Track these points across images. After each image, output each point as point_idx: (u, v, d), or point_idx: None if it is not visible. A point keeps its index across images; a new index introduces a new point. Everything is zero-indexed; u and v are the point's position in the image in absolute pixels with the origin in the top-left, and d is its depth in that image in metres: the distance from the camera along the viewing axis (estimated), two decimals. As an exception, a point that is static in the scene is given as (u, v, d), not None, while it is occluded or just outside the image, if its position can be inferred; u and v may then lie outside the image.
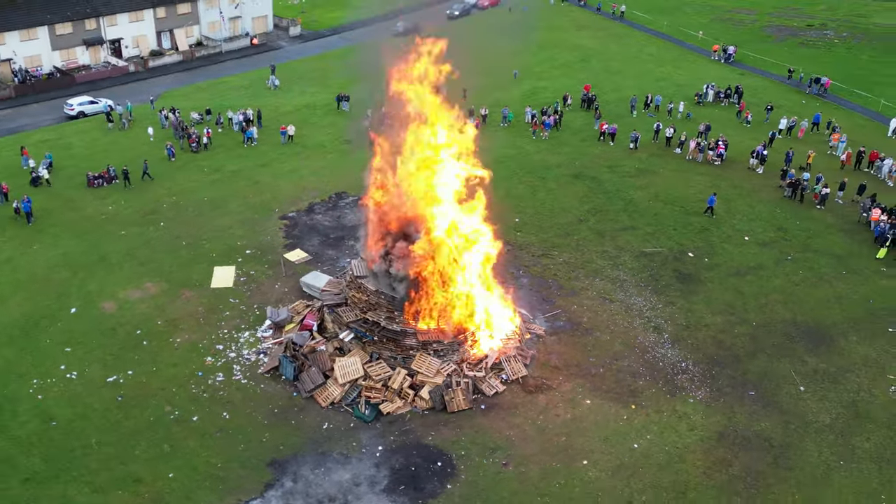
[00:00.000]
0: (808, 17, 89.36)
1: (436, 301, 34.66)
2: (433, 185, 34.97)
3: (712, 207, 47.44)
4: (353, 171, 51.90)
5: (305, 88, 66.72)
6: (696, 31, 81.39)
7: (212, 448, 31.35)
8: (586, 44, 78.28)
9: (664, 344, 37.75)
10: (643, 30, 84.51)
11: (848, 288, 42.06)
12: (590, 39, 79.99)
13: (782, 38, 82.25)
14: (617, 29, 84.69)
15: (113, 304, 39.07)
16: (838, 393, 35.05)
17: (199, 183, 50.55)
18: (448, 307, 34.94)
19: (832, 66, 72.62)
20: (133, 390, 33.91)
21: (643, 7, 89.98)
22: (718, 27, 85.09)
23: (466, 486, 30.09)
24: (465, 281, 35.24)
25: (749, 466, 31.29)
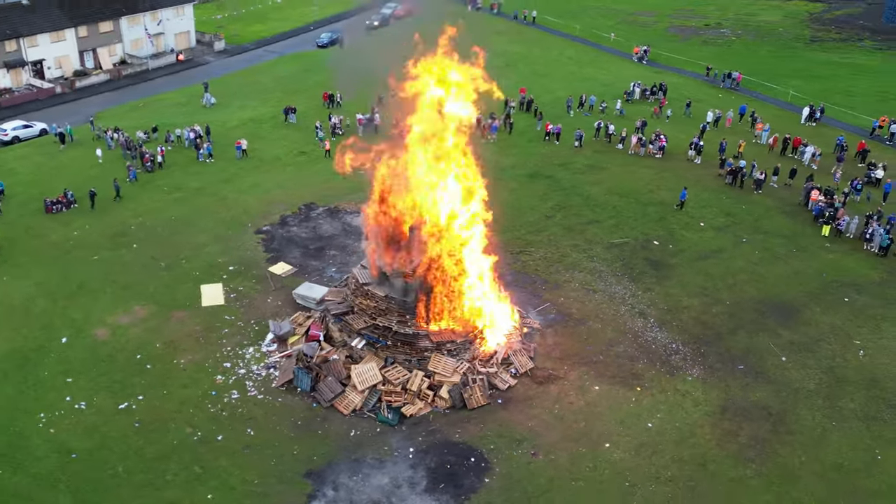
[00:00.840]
0: (703, 17, 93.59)
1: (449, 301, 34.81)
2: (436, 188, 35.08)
3: (684, 202, 49.19)
4: (316, 182, 51.73)
5: (245, 102, 65.33)
6: (608, 34, 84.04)
7: (244, 465, 30.58)
8: (509, 49, 79.47)
9: (652, 328, 39.04)
10: (557, 34, 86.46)
11: (801, 264, 44.49)
12: (510, 45, 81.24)
13: (686, 38, 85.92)
14: (532, 34, 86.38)
15: (104, 330, 37.44)
16: (816, 360, 37.09)
17: (163, 202, 48.90)
18: (458, 307, 35.15)
19: (735, 62, 76.26)
20: (149, 415, 32.67)
21: (553, 12, 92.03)
22: (625, 29, 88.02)
23: (502, 479, 30.40)
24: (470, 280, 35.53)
25: (754, 435, 32.78)
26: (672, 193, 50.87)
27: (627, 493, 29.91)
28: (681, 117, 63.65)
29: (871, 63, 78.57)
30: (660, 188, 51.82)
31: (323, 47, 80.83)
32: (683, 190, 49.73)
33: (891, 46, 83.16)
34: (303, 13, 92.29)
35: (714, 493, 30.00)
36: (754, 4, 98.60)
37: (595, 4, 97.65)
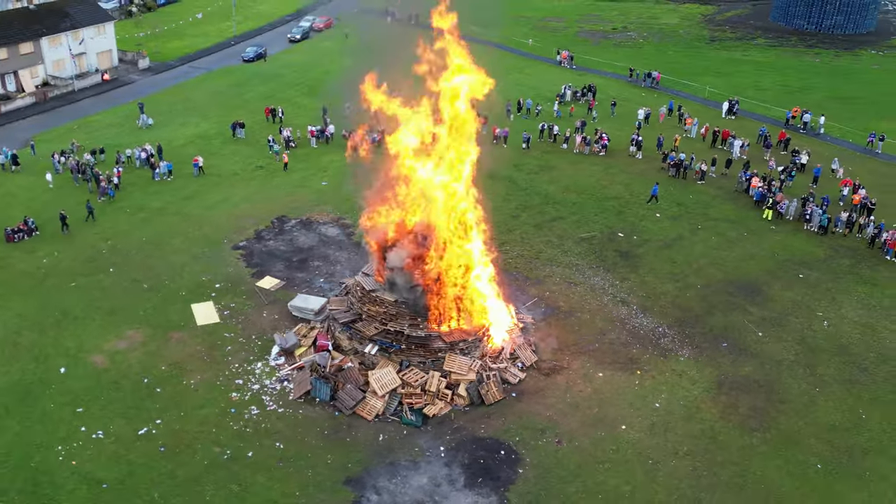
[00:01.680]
0: (609, 21, 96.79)
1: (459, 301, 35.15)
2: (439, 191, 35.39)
3: (656, 195, 50.93)
4: (280, 195, 50.99)
5: (185, 119, 63.45)
6: (525, 40, 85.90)
7: (281, 479, 30.05)
8: (434, 57, 79.99)
9: (637, 314, 40.46)
10: (476, 41, 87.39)
11: (754, 246, 46.96)
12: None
13: (597, 42, 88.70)
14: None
15: (102, 357, 35.89)
16: (788, 333, 39.34)
17: (129, 224, 47.11)
18: (466, 306, 35.54)
19: (648, 63, 79.32)
20: (171, 438, 31.61)
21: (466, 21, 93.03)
22: (539, 35, 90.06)
23: (535, 468, 30.97)
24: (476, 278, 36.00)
25: (752, 405, 34.55)
26: (623, 188, 52.75)
27: (652, 471, 30.99)
28: (607, 117, 65.78)
29: (768, 59, 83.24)
30: (612, 183, 53.56)
31: (249, 61, 79.39)
32: (655, 185, 51.56)
33: (782, 43, 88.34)
34: (220, 29, 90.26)
35: (729, 463, 31.44)
36: (653, 9, 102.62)
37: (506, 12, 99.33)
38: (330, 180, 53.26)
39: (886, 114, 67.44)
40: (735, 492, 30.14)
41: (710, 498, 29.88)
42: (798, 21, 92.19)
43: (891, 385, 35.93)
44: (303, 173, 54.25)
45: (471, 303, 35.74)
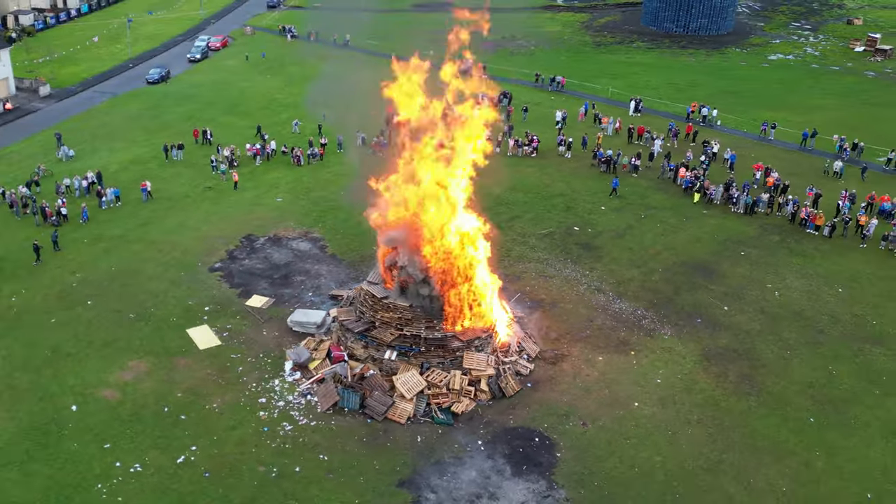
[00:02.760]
0: (497, 30, 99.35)
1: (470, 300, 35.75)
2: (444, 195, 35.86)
3: (616, 189, 53.08)
4: (238, 214, 49.81)
5: (111, 145, 60.49)
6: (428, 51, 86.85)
7: (335, 490, 29.75)
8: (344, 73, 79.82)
9: (614, 300, 42.38)
10: (379, 55, 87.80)
11: (695, 230, 50.03)
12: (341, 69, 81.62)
13: (494, 50, 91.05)
14: (359, 58, 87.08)
15: (112, 391, 34.12)
16: (749, 305, 42.31)
17: (91, 255, 44.69)
18: (477, 304, 36.19)
19: (544, 68, 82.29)
20: (213, 463, 30.59)
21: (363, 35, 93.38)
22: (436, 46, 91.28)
23: (571, 451, 32.06)
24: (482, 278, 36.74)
25: (739, 373, 37.06)
26: (565, 185, 54.85)
27: (673, 440, 32.76)
28: (520, 122, 67.82)
29: (650, 60, 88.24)
30: (553, 182, 55.52)
31: (154, 83, 76.47)
32: (615, 179, 53.79)
33: (658, 45, 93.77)
34: (112, 52, 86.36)
35: (736, 426, 33.63)
36: (534, 18, 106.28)
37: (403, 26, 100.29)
38: (284, 196, 52.41)
39: (767, 105, 73.12)
40: (750, 451, 32.31)
41: (731, 458, 31.91)
42: (667, 24, 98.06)
43: (847, 342, 39.34)
44: (254, 191, 53.09)
45: (478, 301, 36.37)
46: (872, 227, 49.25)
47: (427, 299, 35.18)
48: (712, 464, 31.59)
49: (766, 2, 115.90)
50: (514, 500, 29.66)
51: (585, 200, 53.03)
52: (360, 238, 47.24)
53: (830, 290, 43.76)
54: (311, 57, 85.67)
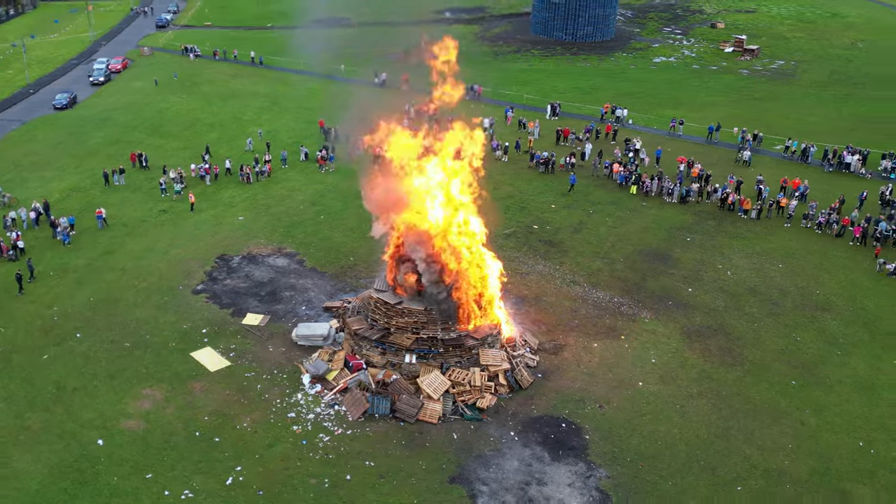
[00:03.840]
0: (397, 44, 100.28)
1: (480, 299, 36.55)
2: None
3: (574, 185, 54.85)
4: (203, 235, 48.56)
5: (43, 174, 57.06)
6: (339, 66, 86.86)
7: (392, 493, 29.83)
8: (259, 90, 78.60)
9: (590, 291, 44.23)
10: (289, 71, 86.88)
11: (641, 220, 52.79)
12: (258, 86, 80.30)
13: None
14: (267, 73, 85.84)
15: (135, 421, 32.66)
16: (708, 285, 45.16)
17: (63, 287, 42.28)
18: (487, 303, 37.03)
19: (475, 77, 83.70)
20: (263, 481, 29.96)
21: (265, 52, 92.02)
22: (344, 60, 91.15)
23: (596, 433, 33.44)
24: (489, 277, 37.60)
25: (719, 346, 39.60)
26: (511, 187, 56.46)
27: (683, 413, 34.74)
28: (442, 129, 69.10)
29: (549, 67, 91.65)
30: (500, 184, 56.87)
31: (62, 109, 72.53)
32: (572, 176, 55.59)
33: (552, 53, 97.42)
34: (6, 78, 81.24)
35: (732, 395, 36.01)
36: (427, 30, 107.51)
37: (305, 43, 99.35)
38: (244, 215, 51.27)
39: (664, 103, 77.67)
40: (750, 415, 34.75)
41: (737, 423, 34.21)
42: (557, 33, 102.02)
43: (801, 311, 42.75)
44: (211, 212, 51.62)
45: (487, 299, 37.23)
46: (793, 208, 53.57)
47: (443, 301, 35.66)
48: (722, 430, 33.74)
49: (636, 10, 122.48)
50: (560, 483, 30.69)
51: (535, 200, 54.78)
52: (335, 251, 47.07)
53: (773, 267, 47.34)
54: (221, 76, 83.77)
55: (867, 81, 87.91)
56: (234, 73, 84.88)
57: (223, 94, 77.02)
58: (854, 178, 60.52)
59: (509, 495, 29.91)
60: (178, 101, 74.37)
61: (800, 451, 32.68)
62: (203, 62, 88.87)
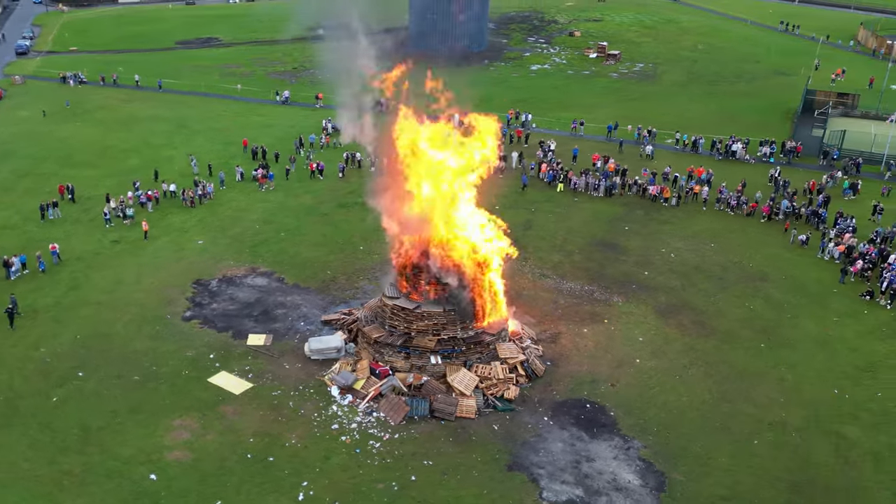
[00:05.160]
0: (281, 62, 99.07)
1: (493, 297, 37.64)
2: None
3: (526, 184, 56.31)
4: (168, 262, 46.97)
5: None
6: (235, 85, 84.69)
7: (461, 487, 30.37)
8: (162, 114, 75.22)
9: (561, 281, 46.34)
10: (186, 94, 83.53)
11: (581, 215, 55.61)
12: (155, 109, 76.65)
13: (295, 80, 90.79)
14: (161, 96, 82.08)
15: (180, 452, 31.20)
16: (660, 267, 48.47)
17: (43, 328, 39.23)
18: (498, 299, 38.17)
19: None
20: (334, 492, 29.66)
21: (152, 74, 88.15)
22: (234, 80, 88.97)
23: (618, 409, 35.40)
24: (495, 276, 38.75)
25: (691, 320, 42.63)
26: (452, 192, 57.67)
27: (684, 382, 37.40)
28: (357, 143, 69.49)
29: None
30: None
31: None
32: (524, 176, 57.15)
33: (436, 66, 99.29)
34: None
35: (717, 362, 38.96)
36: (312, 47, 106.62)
37: (183, 64, 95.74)
38: (202, 238, 49.45)
39: (558, 106, 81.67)
40: (739, 378, 37.89)
41: (730, 386, 37.29)
42: (435, 45, 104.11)
43: (744, 284, 46.76)
44: (165, 238, 49.34)
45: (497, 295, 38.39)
46: (706, 193, 58.34)
47: (462, 301, 36.46)
48: (722, 394, 36.71)
49: (497, 23, 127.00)
50: (606, 457, 32.40)
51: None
52: (309, 267, 46.56)
53: (706, 247, 51.45)
54: (113, 101, 79.51)
55: (718, 79, 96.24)
56: (125, 97, 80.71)
57: (122, 119, 73.18)
58: (741, 164, 66.52)
59: (566, 475, 31.24)
60: (76, 129, 69.94)
61: (790, 404, 36.12)
62: (88, 88, 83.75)
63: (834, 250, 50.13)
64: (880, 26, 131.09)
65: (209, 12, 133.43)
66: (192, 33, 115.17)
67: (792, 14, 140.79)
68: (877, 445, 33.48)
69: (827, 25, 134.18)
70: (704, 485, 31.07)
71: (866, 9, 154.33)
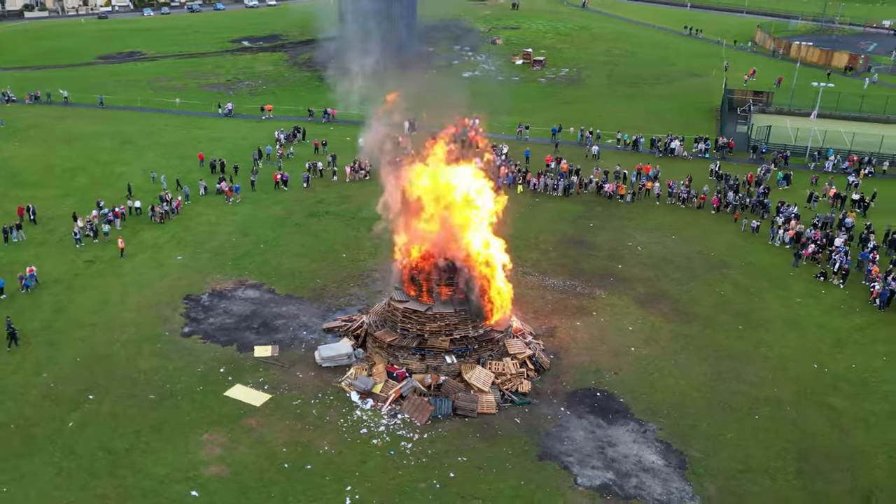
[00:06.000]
0: (213, 74, 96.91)
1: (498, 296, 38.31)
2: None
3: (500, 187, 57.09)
4: (150, 279, 45.82)
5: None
6: (173, 99, 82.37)
7: (499, 479, 30.75)
8: (100, 130, 72.42)
9: (544, 278, 47.43)
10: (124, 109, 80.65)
11: (546, 213, 56.99)
12: (94, 126, 73.66)
13: (232, 92, 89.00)
14: (100, 113, 79.00)
15: (216, 467, 30.39)
16: (631, 260, 50.22)
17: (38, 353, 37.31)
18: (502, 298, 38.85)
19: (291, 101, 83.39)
20: (378, 495, 29.58)
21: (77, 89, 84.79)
22: (169, 94, 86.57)
23: (626, 396, 36.55)
24: (500, 276, 39.43)
25: (670, 309, 44.34)
26: (418, 198, 58.10)
27: (679, 366, 38.86)
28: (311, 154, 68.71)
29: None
30: (409, 196, 58.17)
31: None
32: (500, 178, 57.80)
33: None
34: None
35: (705, 346, 40.57)
36: (239, 60, 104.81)
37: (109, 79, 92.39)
38: (180, 253, 48.12)
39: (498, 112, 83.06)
40: (728, 359, 39.56)
41: (723, 367, 38.94)
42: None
43: (710, 271, 48.98)
44: (142, 255, 47.75)
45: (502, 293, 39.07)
46: (657, 189, 60.83)
47: (472, 301, 36.99)
48: (716, 374, 38.49)
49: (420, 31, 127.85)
50: (626, 441, 33.54)
51: (444, 208, 56.84)
52: (298, 277, 46.08)
53: (668, 239, 53.69)
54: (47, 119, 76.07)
55: (639, 82, 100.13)
56: (58, 115, 77.31)
57: (60, 137, 70.11)
58: (681, 160, 69.66)
59: (595, 460, 32.19)
60: (16, 148, 66.58)
61: (778, 380, 38.22)
62: (16, 107, 79.79)
63: (784, 236, 53.16)
64: (773, 28, 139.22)
65: (124, 26, 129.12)
66: (111, 48, 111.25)
67: (693, 19, 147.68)
68: (863, 413, 35.83)
69: (726, 29, 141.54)
70: (720, 459, 32.57)
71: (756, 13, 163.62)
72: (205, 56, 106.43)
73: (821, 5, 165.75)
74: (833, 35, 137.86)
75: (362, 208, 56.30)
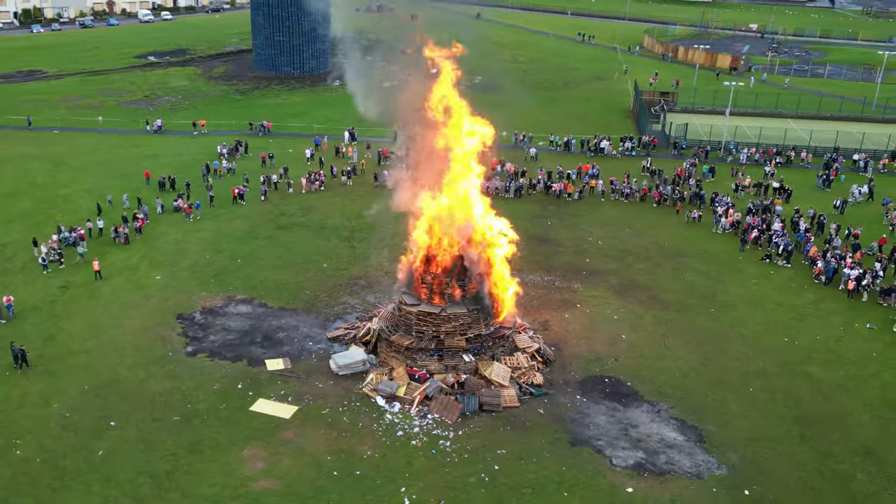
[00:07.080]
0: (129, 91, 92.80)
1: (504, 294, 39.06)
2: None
3: None
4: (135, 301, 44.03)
5: None
6: (96, 117, 78.40)
7: (542, 467, 31.31)
8: (27, 151, 68.09)
9: (523, 275, 48.01)
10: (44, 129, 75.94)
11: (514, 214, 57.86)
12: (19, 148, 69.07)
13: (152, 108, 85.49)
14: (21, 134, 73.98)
15: (265, 481, 29.55)
16: (595, 254, 52.07)
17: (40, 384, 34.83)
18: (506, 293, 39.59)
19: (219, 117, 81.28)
20: (432, 493, 29.61)
21: None
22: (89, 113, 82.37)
23: (631, 379, 38.07)
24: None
25: (646, 297, 46.33)
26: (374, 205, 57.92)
27: (670, 350, 40.49)
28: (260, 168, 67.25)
29: (303, 99, 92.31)
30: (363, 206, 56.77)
31: None
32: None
33: (294, 86, 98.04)
34: None
35: (686, 329, 42.65)
36: (151, 76, 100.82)
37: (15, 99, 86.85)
38: (158, 273, 46.18)
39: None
40: (710, 340, 41.69)
41: (709, 347, 40.93)
42: (285, 67, 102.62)
43: (670, 261, 51.51)
44: (119, 278, 45.43)
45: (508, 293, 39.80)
46: (600, 186, 63.36)
47: (483, 299, 37.56)
48: (704, 355, 40.52)
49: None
50: (644, 421, 35.00)
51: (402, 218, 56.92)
52: (285, 289, 45.25)
53: (623, 232, 56.06)
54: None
55: (551, 86, 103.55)
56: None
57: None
58: (610, 159, 72.77)
59: (622, 442, 33.43)
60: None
61: (760, 354, 40.77)
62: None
63: (726, 224, 56.55)
64: (657, 33, 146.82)
65: (15, 44, 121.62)
66: (7, 66, 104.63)
67: (583, 26, 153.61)
68: (838, 379, 38.78)
69: (614, 35, 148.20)
70: (732, 430, 34.52)
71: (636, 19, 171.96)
72: (112, 73, 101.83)
73: (694, 11, 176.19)
74: (710, 39, 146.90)
75: (327, 218, 55.82)
